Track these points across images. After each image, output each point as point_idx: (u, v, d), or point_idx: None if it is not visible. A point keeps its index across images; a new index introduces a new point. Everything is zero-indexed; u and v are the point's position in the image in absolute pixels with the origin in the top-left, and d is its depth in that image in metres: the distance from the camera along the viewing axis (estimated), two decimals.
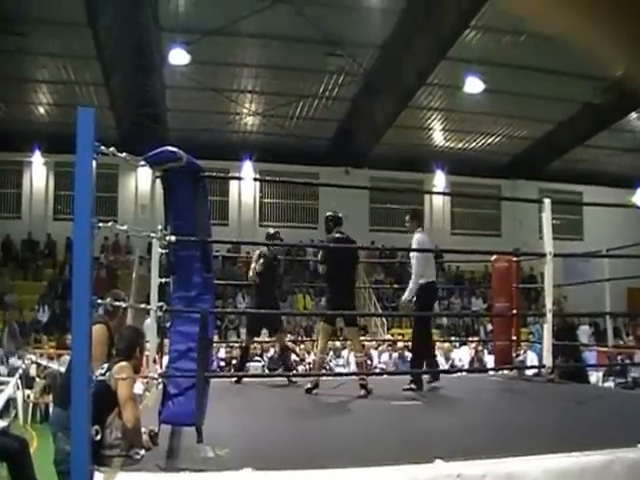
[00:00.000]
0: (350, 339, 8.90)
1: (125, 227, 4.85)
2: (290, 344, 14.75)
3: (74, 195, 3.83)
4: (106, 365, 4.63)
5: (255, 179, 29.22)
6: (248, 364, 13.90)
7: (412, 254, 8.49)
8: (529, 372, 10.21)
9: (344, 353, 14.73)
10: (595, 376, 13.63)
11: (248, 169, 24.63)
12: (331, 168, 23.97)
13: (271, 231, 9.74)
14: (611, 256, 9.26)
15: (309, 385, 7.77)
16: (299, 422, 5.98)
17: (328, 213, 8.42)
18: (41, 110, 22.16)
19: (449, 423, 5.95)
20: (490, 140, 24.89)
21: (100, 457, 4.04)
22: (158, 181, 4.60)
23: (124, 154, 4.30)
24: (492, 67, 19.03)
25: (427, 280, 8.12)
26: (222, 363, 14.47)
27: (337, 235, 8.01)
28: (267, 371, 13.43)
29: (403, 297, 8.28)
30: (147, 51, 18.89)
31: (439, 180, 26.51)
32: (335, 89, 21.04)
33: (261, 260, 9.14)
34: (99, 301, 4.22)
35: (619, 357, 14.47)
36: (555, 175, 25.84)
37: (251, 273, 9.18)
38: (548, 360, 5.82)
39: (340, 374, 11.73)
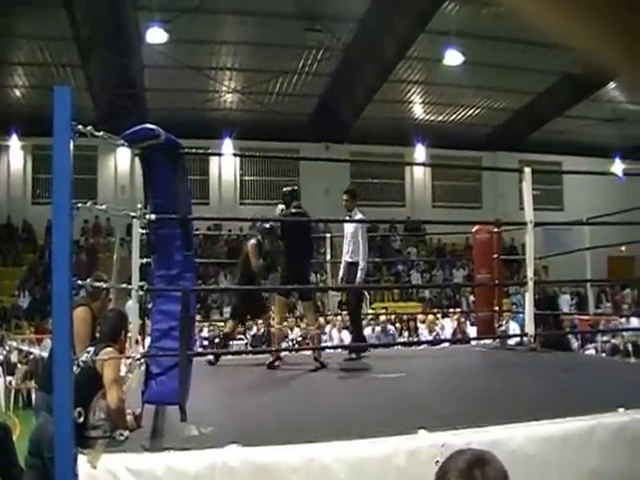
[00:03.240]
0: (304, 314, 8.70)
1: (104, 207, 4.82)
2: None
3: (52, 175, 3.81)
4: (91, 349, 4.60)
5: (235, 154, 29.16)
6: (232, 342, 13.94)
7: (353, 233, 8.32)
8: (511, 342, 10.28)
9: (327, 329, 14.73)
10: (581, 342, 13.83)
11: (228, 147, 24.51)
12: (311, 144, 23.90)
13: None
14: (590, 223, 9.31)
15: (270, 359, 7.70)
16: (281, 398, 5.99)
17: (285, 189, 8.39)
18: (17, 93, 21.92)
19: (433, 394, 6.00)
20: (470, 112, 24.91)
21: (84, 439, 4.03)
22: (138, 162, 4.58)
23: (101, 133, 4.27)
24: (471, 39, 18.94)
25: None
26: (205, 342, 14.47)
27: (293, 210, 7.99)
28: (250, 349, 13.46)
29: (358, 278, 8.11)
30: (124, 30, 18.67)
31: (420, 153, 26.50)
32: (314, 64, 20.95)
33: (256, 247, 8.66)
34: (79, 282, 4.21)
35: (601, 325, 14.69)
36: (535, 146, 25.94)
37: (253, 262, 8.57)
38: (530, 328, 5.86)
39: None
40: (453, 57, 19.57)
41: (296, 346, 13.27)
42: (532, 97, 23.87)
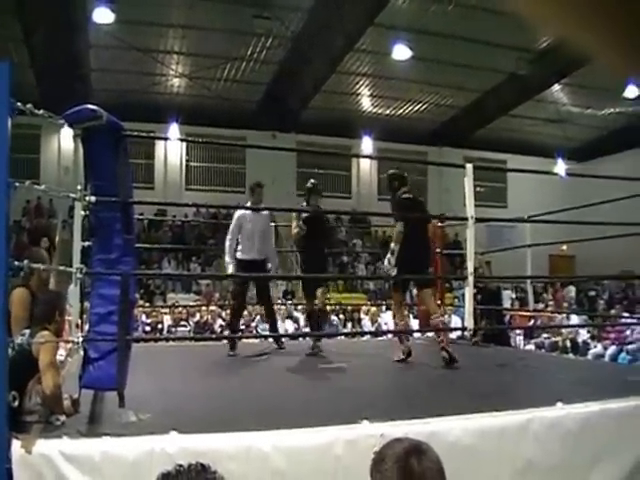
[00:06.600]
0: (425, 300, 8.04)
1: (43, 187, 4.71)
2: (217, 309, 14.72)
3: None
4: (27, 331, 4.49)
5: (181, 139, 28.86)
6: (175, 329, 13.82)
7: None
8: (453, 335, 10.39)
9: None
10: (515, 339, 14.07)
11: (174, 132, 24.19)
12: (258, 132, 23.72)
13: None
14: (531, 221, 9.45)
15: (402, 356, 7.41)
16: (223, 386, 5.96)
17: (391, 171, 8.18)
18: None
19: (373, 384, 6.03)
20: (417, 107, 25.04)
21: (19, 424, 3.94)
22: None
23: (42, 111, 4.16)
24: (420, 35, 19.06)
25: None
26: (147, 328, 14.30)
27: (404, 196, 7.96)
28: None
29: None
30: (70, 8, 18.25)
31: (366, 146, 26.55)
32: (263, 52, 20.78)
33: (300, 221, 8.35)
34: (16, 263, 4.10)
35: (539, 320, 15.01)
36: (480, 143, 26.22)
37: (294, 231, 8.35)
38: (470, 323, 5.91)
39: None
40: (401, 52, 19.68)
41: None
42: (478, 95, 24.09)
